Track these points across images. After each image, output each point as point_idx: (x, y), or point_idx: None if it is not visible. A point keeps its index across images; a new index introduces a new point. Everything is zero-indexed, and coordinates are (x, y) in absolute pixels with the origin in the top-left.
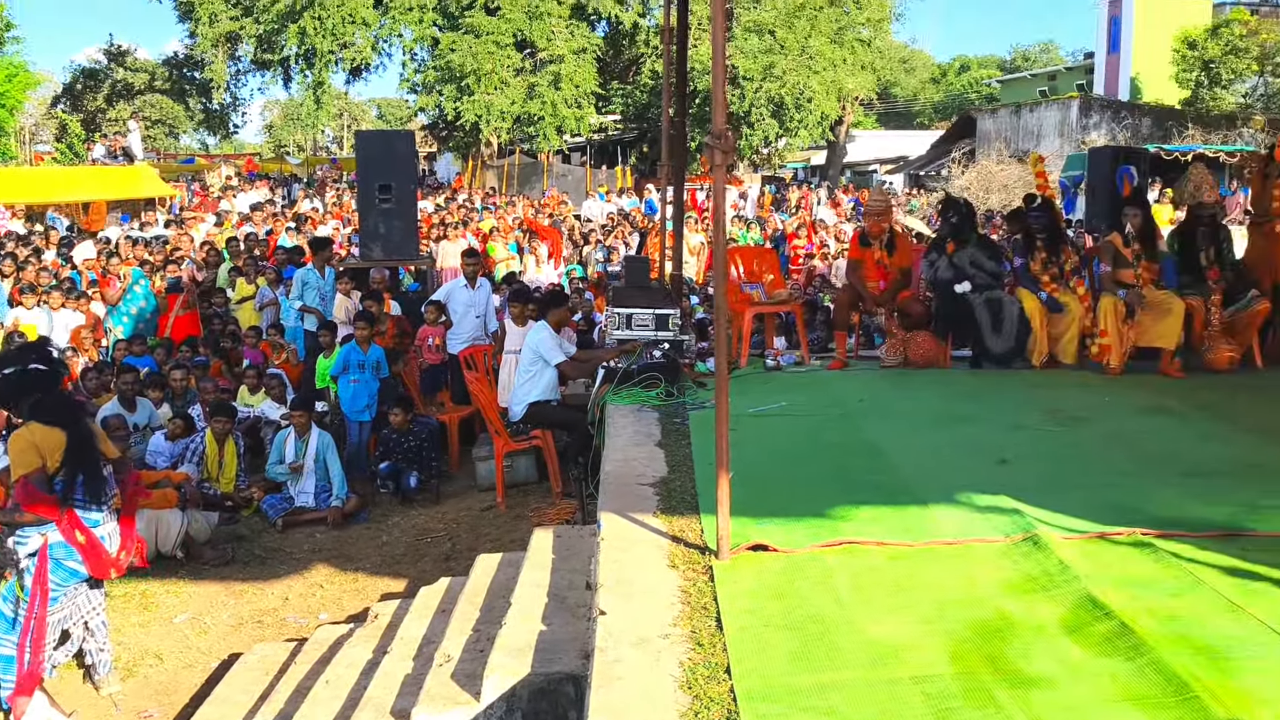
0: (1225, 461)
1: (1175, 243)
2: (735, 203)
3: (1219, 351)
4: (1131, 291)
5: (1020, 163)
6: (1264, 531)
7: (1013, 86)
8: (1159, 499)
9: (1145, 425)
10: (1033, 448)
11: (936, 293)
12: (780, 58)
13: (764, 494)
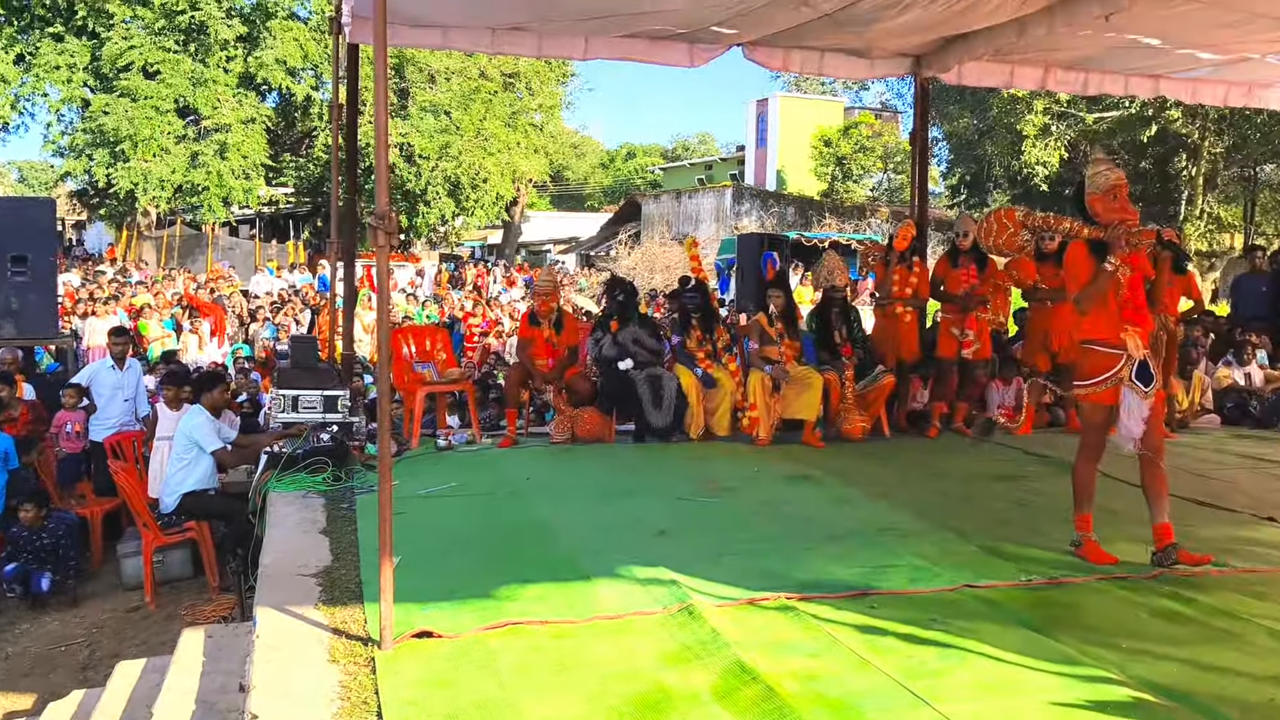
0: (858, 524)
1: (813, 322)
2: (413, 280)
3: (853, 422)
4: (776, 367)
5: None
6: (887, 589)
7: (674, 174)
8: (802, 563)
9: (790, 493)
10: (691, 518)
11: (602, 370)
12: (456, 138)
13: (431, 578)
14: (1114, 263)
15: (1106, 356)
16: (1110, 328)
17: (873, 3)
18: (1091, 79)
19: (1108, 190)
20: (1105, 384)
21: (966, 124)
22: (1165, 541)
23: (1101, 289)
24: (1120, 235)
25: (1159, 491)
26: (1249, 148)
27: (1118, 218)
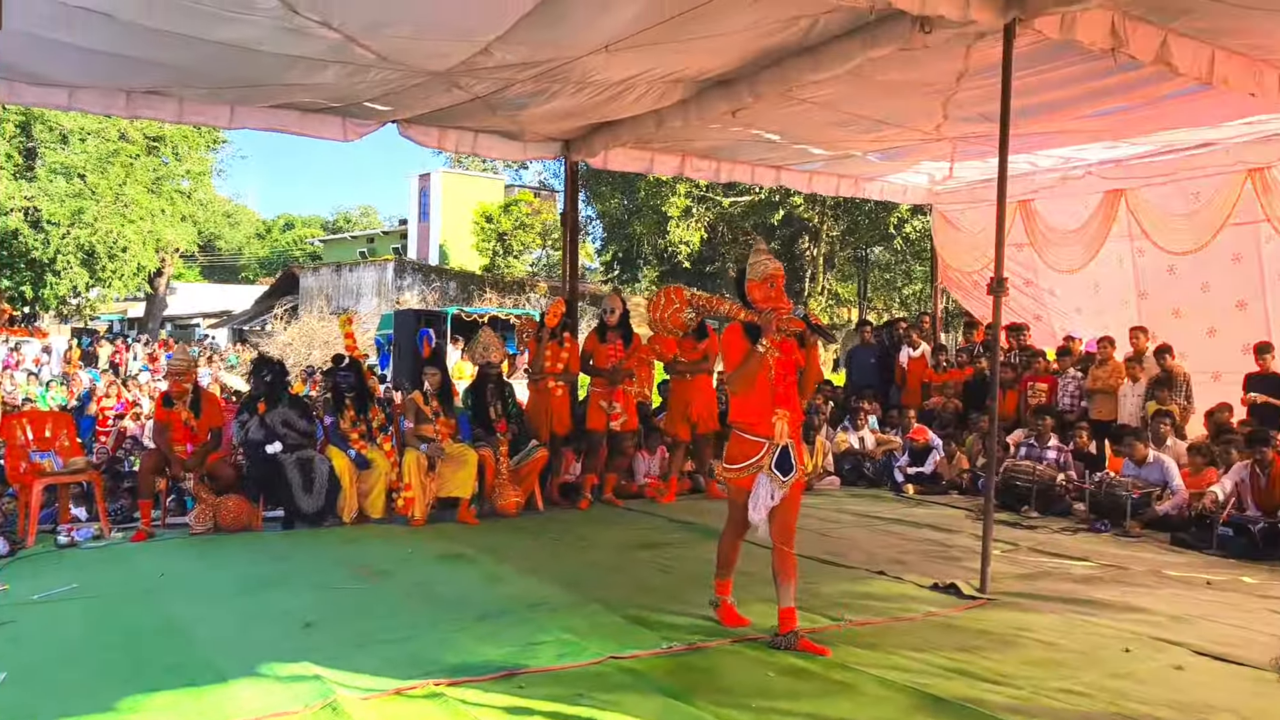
0: (509, 601)
1: (469, 398)
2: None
3: (507, 497)
4: (432, 445)
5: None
6: (536, 667)
7: (335, 246)
8: (453, 645)
9: (443, 573)
10: (340, 607)
11: (248, 454)
12: (92, 203)
13: (42, 697)
14: (765, 345)
15: (751, 444)
16: (759, 413)
17: (521, 89)
18: (723, 167)
19: (765, 278)
20: (746, 470)
21: (617, 204)
22: (789, 627)
23: (752, 371)
24: (771, 319)
25: (787, 575)
26: (861, 232)
27: (772, 305)
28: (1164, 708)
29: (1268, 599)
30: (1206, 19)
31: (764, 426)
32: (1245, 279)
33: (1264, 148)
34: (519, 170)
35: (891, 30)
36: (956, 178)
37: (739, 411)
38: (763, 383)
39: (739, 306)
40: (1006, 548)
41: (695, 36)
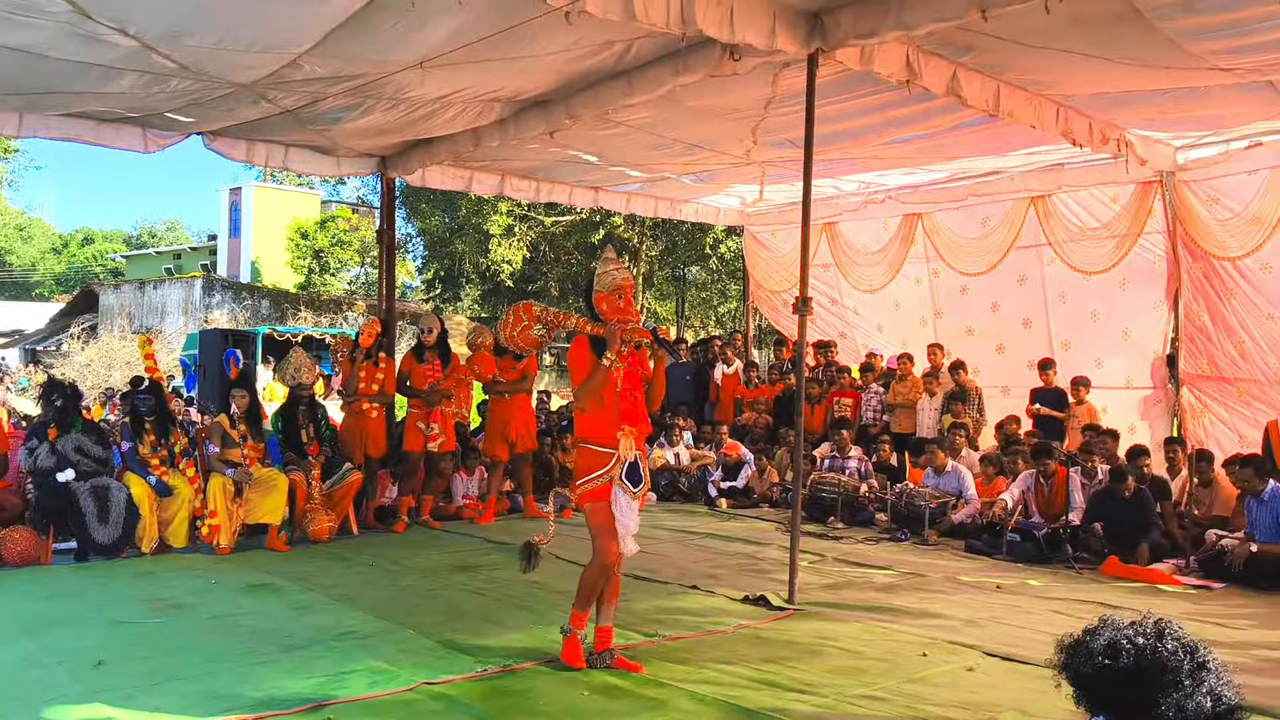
0: (318, 631)
1: (279, 421)
2: None
3: (320, 523)
4: (239, 470)
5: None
6: (346, 697)
7: (139, 262)
8: (256, 680)
9: (249, 604)
10: (135, 643)
11: (37, 483)
12: None
13: None
14: (610, 358)
15: (598, 455)
16: (605, 428)
17: (333, 103)
18: (543, 187)
19: (613, 290)
20: (597, 481)
21: (438, 222)
22: (605, 645)
23: (598, 385)
24: (615, 332)
25: (612, 595)
26: (678, 252)
27: (619, 316)
28: (956, 709)
29: (1050, 600)
30: (992, 55)
31: (610, 439)
32: (1030, 299)
33: (1045, 176)
34: (336, 185)
35: (702, 57)
36: (766, 200)
37: (585, 426)
38: (609, 397)
39: (586, 320)
40: (814, 559)
41: (511, 57)
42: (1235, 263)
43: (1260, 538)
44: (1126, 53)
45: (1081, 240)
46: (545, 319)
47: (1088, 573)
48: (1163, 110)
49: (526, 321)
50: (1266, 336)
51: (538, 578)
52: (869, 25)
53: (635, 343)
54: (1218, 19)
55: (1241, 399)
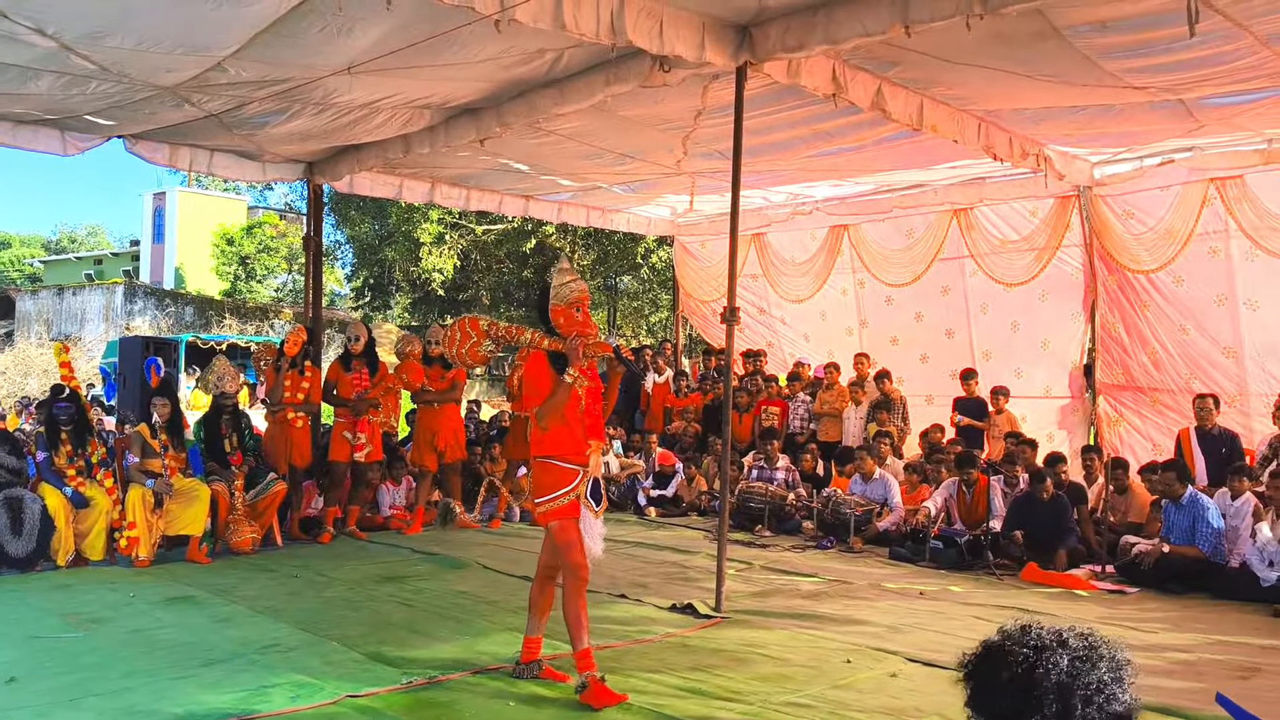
0: (239, 645)
1: (201, 430)
2: None
3: (242, 534)
4: (159, 481)
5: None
6: (267, 712)
7: (58, 268)
8: (174, 695)
9: (169, 617)
10: (48, 659)
11: None
12: None
13: None
14: (573, 374)
15: (565, 471)
16: (571, 443)
17: (259, 107)
18: (473, 195)
19: (571, 303)
20: (563, 498)
21: (368, 229)
22: (532, 656)
23: (561, 402)
24: (578, 346)
25: (544, 607)
26: (610, 261)
27: (578, 330)
28: (880, 714)
29: (971, 606)
30: (916, 70)
31: (576, 454)
32: (953, 310)
33: (967, 190)
34: (263, 191)
35: (633, 68)
36: (697, 211)
37: (550, 442)
38: (573, 413)
39: (542, 334)
40: (741, 566)
41: (441, 63)
42: (1149, 276)
43: (1174, 541)
44: (1046, 70)
45: (1002, 253)
46: (495, 334)
47: (1008, 579)
48: (1080, 126)
49: (475, 338)
50: (1178, 347)
51: (466, 588)
52: (796, 39)
53: (595, 356)
54: (1131, 38)
55: (1155, 408)
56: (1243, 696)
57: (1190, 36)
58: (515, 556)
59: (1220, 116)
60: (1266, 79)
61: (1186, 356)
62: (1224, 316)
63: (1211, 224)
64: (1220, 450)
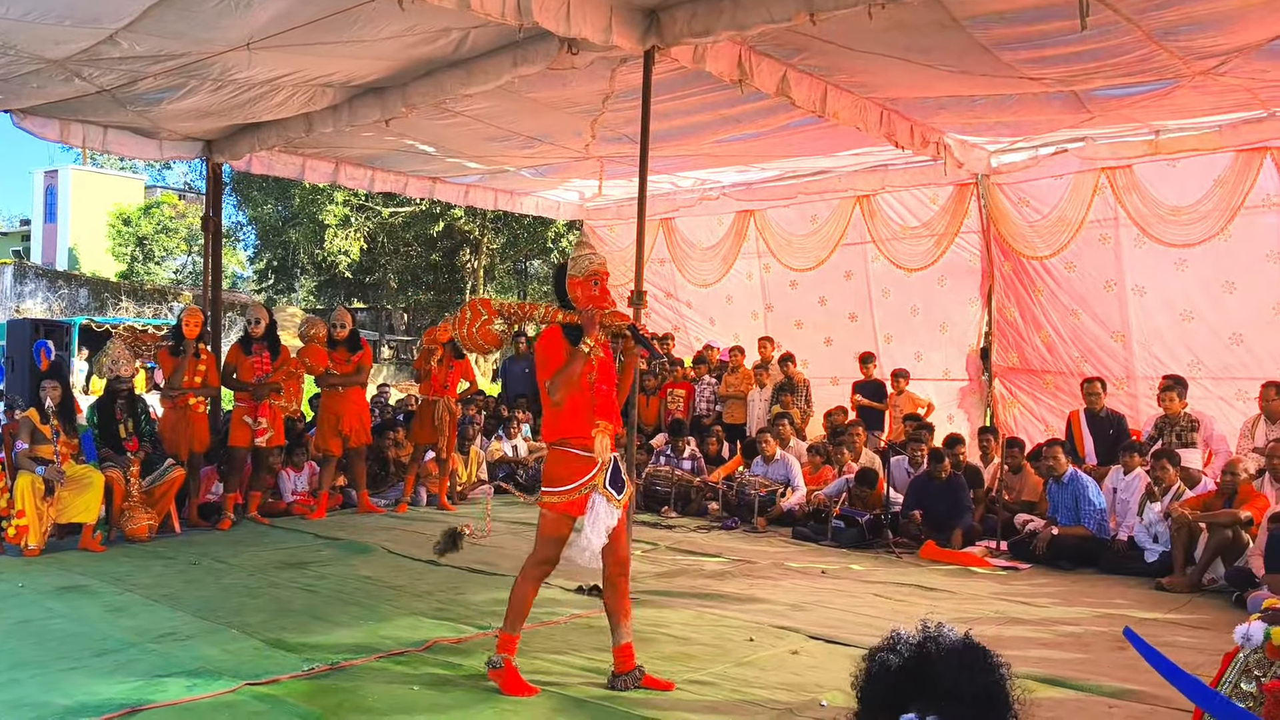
0: (133, 634)
1: (95, 415)
2: None
3: (138, 521)
4: (50, 468)
5: None
6: (163, 701)
7: None
8: (65, 686)
9: (60, 607)
10: None
11: None
12: None
13: None
14: (589, 344)
15: (580, 460)
16: (582, 425)
17: (154, 83)
18: (378, 176)
19: (589, 274)
20: (578, 491)
21: (271, 210)
22: (629, 665)
23: (576, 371)
24: (594, 315)
25: (624, 610)
26: (520, 245)
27: (595, 304)
28: (781, 690)
29: (871, 584)
30: (820, 57)
31: (590, 439)
32: (855, 294)
33: (870, 177)
34: (161, 170)
35: (540, 49)
36: (605, 195)
37: (560, 427)
38: (584, 389)
39: (556, 309)
40: (647, 547)
41: (343, 40)
42: (1043, 262)
43: (1060, 520)
44: (945, 60)
45: (903, 238)
46: (506, 312)
47: (907, 556)
48: (978, 115)
49: (486, 316)
50: (1070, 331)
51: (370, 573)
52: (703, 24)
53: (614, 329)
54: (1026, 30)
55: (1047, 390)
56: (1123, 665)
57: (1082, 29)
58: (420, 540)
59: (1110, 108)
60: (1154, 72)
61: (1077, 340)
62: (1113, 301)
63: (1102, 212)
64: (1108, 431)
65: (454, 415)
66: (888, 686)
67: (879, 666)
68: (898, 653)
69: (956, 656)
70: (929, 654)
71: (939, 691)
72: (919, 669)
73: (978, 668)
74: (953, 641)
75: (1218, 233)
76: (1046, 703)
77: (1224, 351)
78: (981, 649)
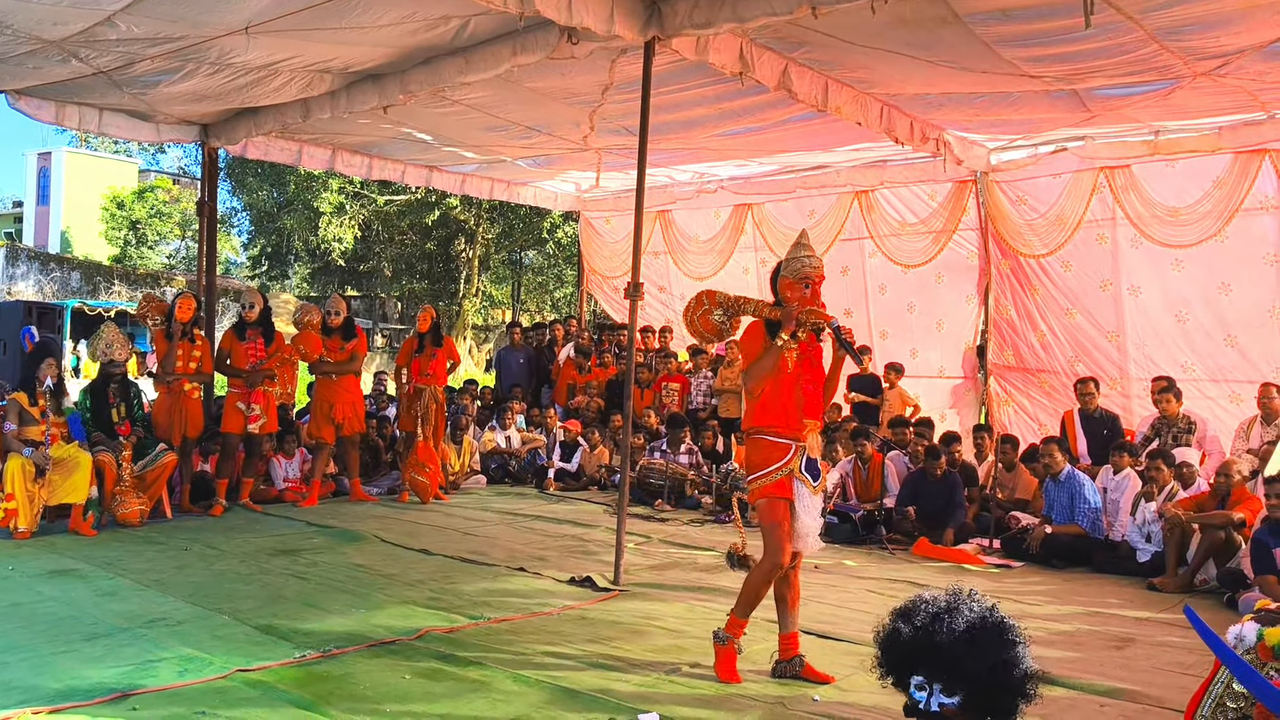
0: (124, 618)
1: (87, 398)
2: None
3: (130, 505)
4: (39, 450)
5: None
6: (154, 686)
7: None
8: (56, 670)
9: (50, 590)
10: None
11: None
12: None
13: None
14: (784, 338)
15: (776, 446)
16: (782, 414)
17: (151, 66)
18: (375, 164)
19: (801, 277)
20: (775, 474)
21: (266, 196)
22: (792, 653)
23: (768, 364)
24: (794, 311)
25: (793, 600)
26: (515, 235)
27: (802, 306)
28: (774, 684)
29: (864, 579)
30: (822, 52)
31: (789, 428)
32: (852, 289)
33: (869, 172)
34: (156, 154)
35: (541, 38)
36: (602, 187)
37: (761, 416)
38: (785, 381)
39: (766, 305)
40: (640, 540)
41: (342, 26)
42: (1039, 260)
43: (1056, 518)
44: (947, 56)
45: (901, 235)
46: (726, 304)
47: (900, 553)
48: (979, 113)
49: (708, 306)
50: (1065, 331)
51: (362, 561)
52: (705, 15)
53: (813, 325)
54: (1028, 28)
55: (1042, 389)
56: (1118, 665)
57: (1086, 28)
58: (412, 529)
59: (1111, 107)
60: (1155, 72)
61: (1072, 340)
62: (1108, 301)
63: (1100, 212)
64: (1102, 431)
65: (440, 403)
66: (899, 653)
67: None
68: (912, 623)
69: (968, 634)
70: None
71: (943, 664)
72: (928, 642)
73: (986, 647)
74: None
75: (1215, 234)
76: (1038, 701)
77: (1218, 353)
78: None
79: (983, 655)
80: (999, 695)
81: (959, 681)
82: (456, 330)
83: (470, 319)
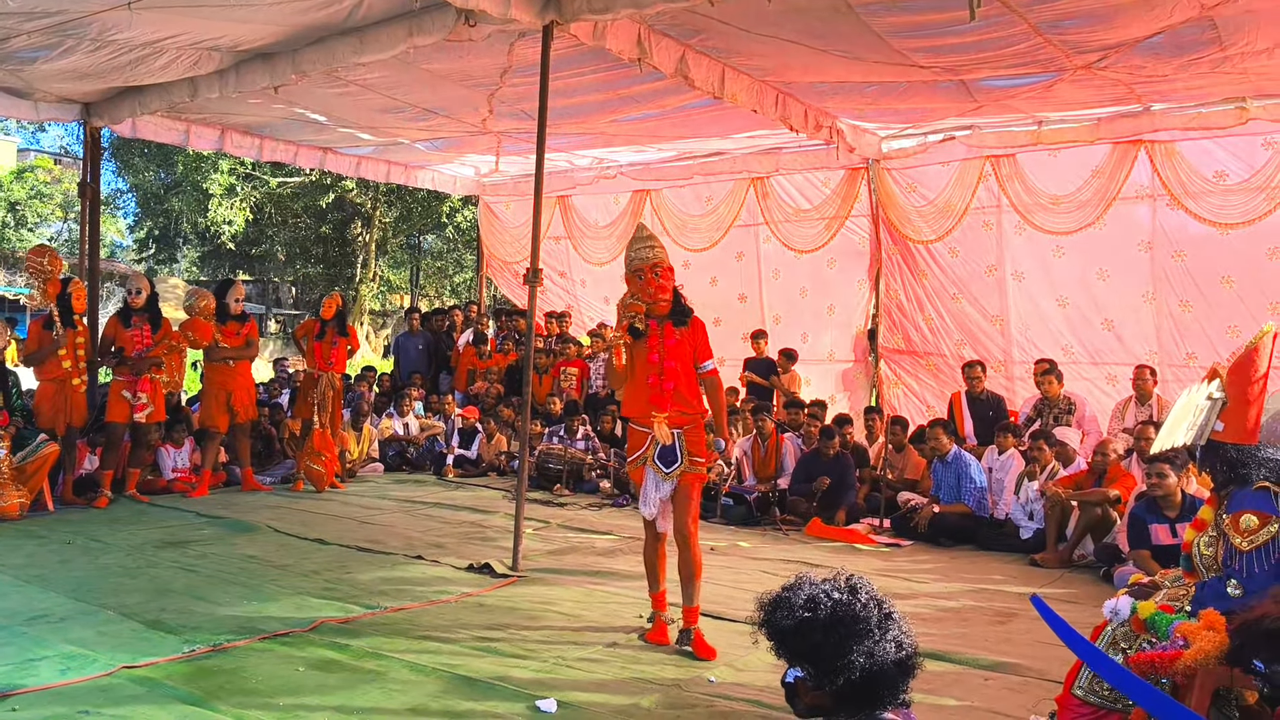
0: (4, 616)
1: None
2: None
3: (9, 499)
4: None
5: None
6: (35, 686)
7: None
8: None
9: None
10: None
11: None
12: None
13: None
14: (614, 334)
15: (637, 435)
16: (638, 406)
17: (29, 41)
18: (266, 145)
19: (634, 270)
20: (638, 461)
21: (153, 177)
22: (691, 623)
23: (608, 361)
24: (619, 307)
25: (687, 576)
26: (413, 219)
27: (642, 296)
28: (670, 666)
29: (759, 560)
30: (719, 39)
31: (644, 418)
32: (746, 275)
33: (764, 159)
34: (36, 133)
35: (437, 20)
36: (502, 172)
37: (624, 405)
38: (637, 373)
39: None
40: (539, 525)
41: (230, 3)
42: (928, 246)
43: (943, 498)
44: (840, 46)
45: (795, 221)
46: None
47: (793, 534)
48: (870, 101)
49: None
50: (952, 315)
51: (254, 552)
52: (603, 1)
53: (629, 318)
54: (917, 19)
55: (930, 372)
56: (1001, 640)
57: (971, 19)
58: (307, 519)
59: (996, 98)
60: (1038, 65)
61: (959, 323)
62: (993, 286)
63: (986, 199)
64: (988, 413)
65: (337, 390)
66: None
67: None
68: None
69: (794, 620)
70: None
71: (780, 643)
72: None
73: (804, 631)
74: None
75: (1094, 222)
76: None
77: (1096, 337)
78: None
79: (804, 637)
80: (837, 675)
81: (796, 658)
82: (354, 315)
83: (367, 304)
